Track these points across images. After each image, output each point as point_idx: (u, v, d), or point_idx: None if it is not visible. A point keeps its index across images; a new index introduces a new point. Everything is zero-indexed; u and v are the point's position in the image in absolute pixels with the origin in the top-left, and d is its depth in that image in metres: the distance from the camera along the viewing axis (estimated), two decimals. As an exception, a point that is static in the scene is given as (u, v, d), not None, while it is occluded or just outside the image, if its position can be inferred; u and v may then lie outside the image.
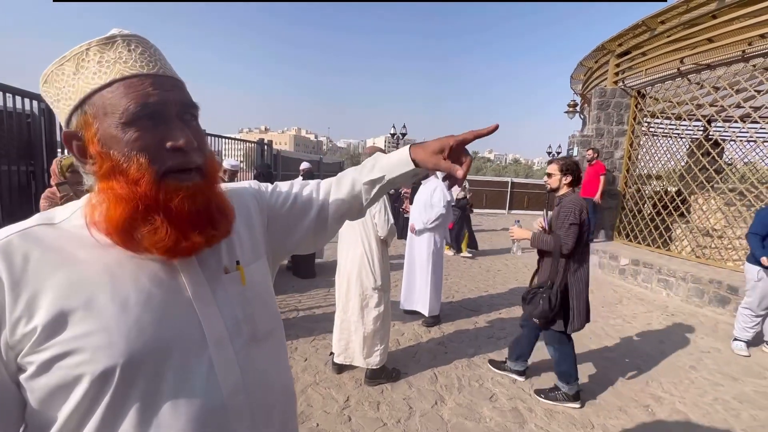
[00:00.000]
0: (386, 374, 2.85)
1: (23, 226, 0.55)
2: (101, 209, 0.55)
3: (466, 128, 0.76)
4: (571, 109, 12.55)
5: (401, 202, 8.03)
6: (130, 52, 0.56)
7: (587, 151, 7.16)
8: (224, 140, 6.93)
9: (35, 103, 3.25)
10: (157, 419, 0.53)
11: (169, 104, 0.56)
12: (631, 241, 7.02)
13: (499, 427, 2.43)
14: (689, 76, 6.11)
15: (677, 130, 7.99)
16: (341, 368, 2.93)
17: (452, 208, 6.78)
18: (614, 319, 4.43)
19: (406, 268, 4.14)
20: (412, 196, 6.81)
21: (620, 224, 7.37)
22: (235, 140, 7.44)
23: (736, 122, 6.34)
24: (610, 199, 7.40)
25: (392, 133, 18.58)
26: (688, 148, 7.79)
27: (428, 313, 3.89)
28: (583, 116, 11.54)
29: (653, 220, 6.63)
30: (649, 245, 6.62)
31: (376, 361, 2.76)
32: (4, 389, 0.51)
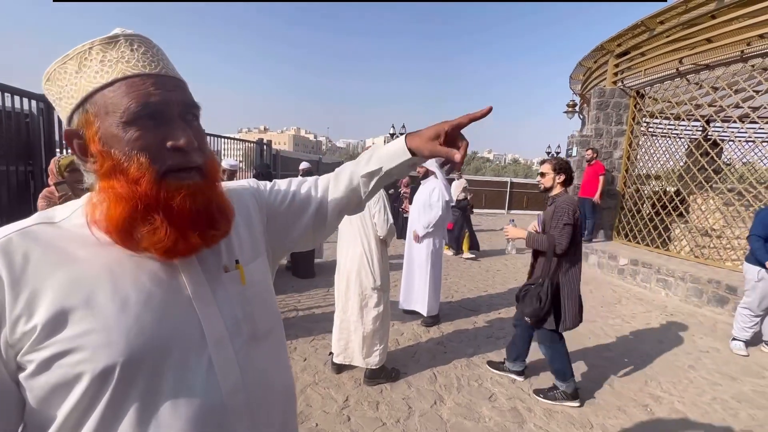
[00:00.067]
0: (385, 374, 2.85)
1: (23, 224, 0.55)
2: (102, 208, 0.55)
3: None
4: (570, 109, 12.55)
5: (401, 202, 8.03)
6: (132, 51, 0.56)
7: (586, 151, 7.17)
8: (223, 140, 6.93)
9: (34, 102, 3.24)
10: (156, 418, 0.53)
11: (170, 104, 0.56)
12: (630, 241, 7.03)
13: (498, 426, 2.43)
14: (688, 76, 6.13)
15: (676, 130, 8.02)
16: (340, 368, 2.94)
17: (452, 208, 6.82)
18: (613, 318, 4.43)
19: (405, 268, 4.14)
20: (411, 196, 6.82)
21: (619, 224, 7.38)
22: (234, 140, 7.44)
23: (734, 122, 6.35)
24: (609, 199, 7.41)
25: (392, 133, 18.54)
26: (686, 148, 7.81)
27: (427, 313, 3.89)
28: (582, 116, 11.55)
29: (652, 220, 6.64)
30: (648, 245, 6.63)
31: (375, 360, 2.76)
32: (3, 388, 0.51)
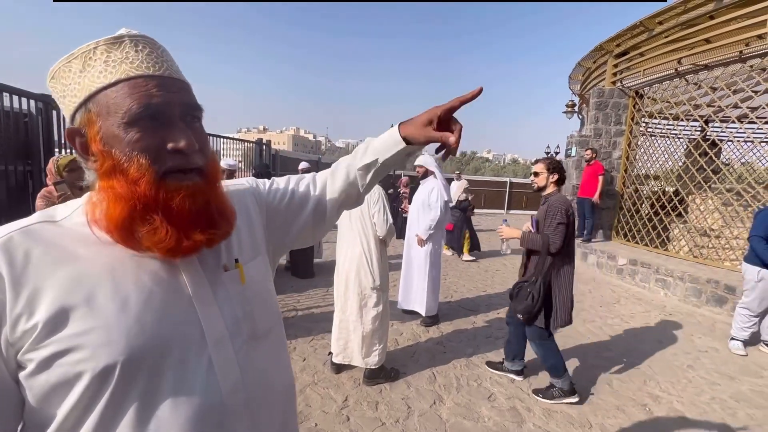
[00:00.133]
0: (385, 374, 2.85)
1: (25, 223, 0.55)
2: (101, 207, 0.55)
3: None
4: (569, 109, 12.54)
5: (400, 202, 8.04)
6: (137, 52, 0.56)
7: (585, 151, 7.18)
8: (222, 140, 6.93)
9: (33, 102, 3.24)
10: (155, 417, 0.54)
11: (172, 106, 0.56)
12: (629, 241, 7.04)
13: (497, 426, 2.43)
14: (687, 76, 6.14)
15: (675, 130, 8.03)
16: (340, 368, 2.93)
17: (453, 209, 6.83)
18: (612, 318, 4.44)
19: (403, 267, 4.14)
20: (410, 196, 6.82)
21: (618, 224, 7.39)
22: (233, 140, 7.44)
23: (733, 122, 6.37)
24: (608, 199, 7.43)
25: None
26: (685, 148, 7.82)
27: (425, 313, 3.89)
28: (581, 116, 11.55)
29: (651, 220, 6.65)
30: (646, 245, 6.64)
31: (374, 360, 2.76)
32: (3, 387, 0.51)
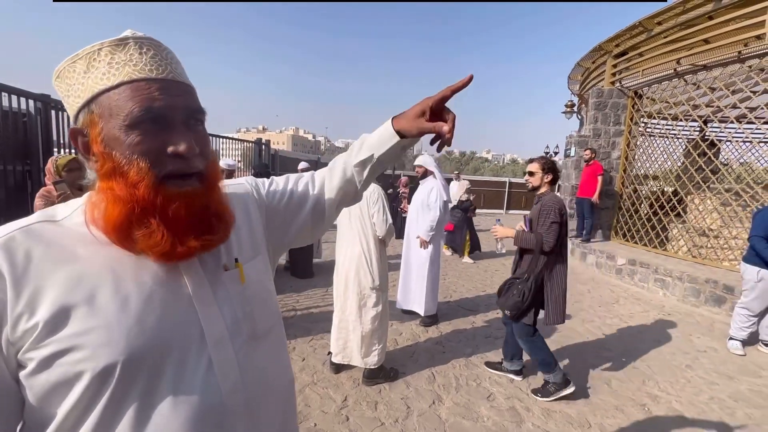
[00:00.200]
0: (384, 374, 2.85)
1: (25, 222, 0.55)
2: (100, 208, 0.56)
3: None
4: (568, 109, 12.55)
5: (399, 201, 8.04)
6: (141, 54, 0.56)
7: (585, 151, 7.19)
8: (222, 140, 6.93)
9: (32, 102, 3.24)
10: (155, 417, 0.54)
11: (174, 109, 0.56)
12: (627, 241, 7.05)
13: (496, 426, 2.43)
14: (686, 76, 6.14)
15: (674, 130, 8.04)
16: (339, 368, 2.94)
17: (455, 209, 6.83)
18: (611, 318, 4.45)
19: (402, 267, 4.14)
20: (410, 196, 6.82)
21: (617, 224, 7.40)
22: (232, 140, 7.44)
23: (732, 123, 6.37)
24: (607, 199, 7.44)
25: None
26: (684, 148, 7.84)
27: (424, 313, 3.89)
28: (580, 116, 11.56)
29: (650, 220, 6.66)
30: (645, 245, 6.65)
31: (374, 360, 2.76)
32: (3, 386, 0.51)
